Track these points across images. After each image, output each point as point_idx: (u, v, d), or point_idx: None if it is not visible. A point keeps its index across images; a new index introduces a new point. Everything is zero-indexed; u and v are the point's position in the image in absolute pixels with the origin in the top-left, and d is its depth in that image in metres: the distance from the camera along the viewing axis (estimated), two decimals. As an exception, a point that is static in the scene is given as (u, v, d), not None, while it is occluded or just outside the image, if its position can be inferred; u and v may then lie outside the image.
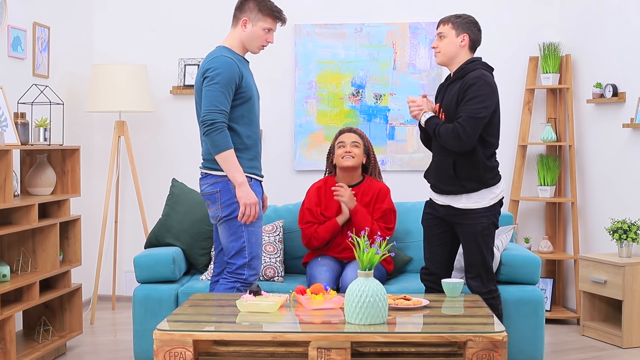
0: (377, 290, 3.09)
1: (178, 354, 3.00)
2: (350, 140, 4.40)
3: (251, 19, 3.80)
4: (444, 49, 3.86)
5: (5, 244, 4.36)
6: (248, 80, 3.80)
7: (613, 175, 5.18)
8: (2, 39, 4.61)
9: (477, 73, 3.76)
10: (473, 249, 3.81)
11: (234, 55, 3.78)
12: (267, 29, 3.82)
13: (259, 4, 3.80)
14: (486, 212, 3.80)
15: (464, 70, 3.80)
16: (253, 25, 3.80)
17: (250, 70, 3.90)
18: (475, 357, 2.95)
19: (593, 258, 4.92)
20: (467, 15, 3.89)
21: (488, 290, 3.81)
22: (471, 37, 3.84)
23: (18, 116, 4.36)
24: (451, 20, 3.87)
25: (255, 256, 3.78)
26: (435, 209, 3.94)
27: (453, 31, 3.84)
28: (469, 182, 3.78)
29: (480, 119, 3.69)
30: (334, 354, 2.96)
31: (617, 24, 5.12)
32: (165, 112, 5.91)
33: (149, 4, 5.93)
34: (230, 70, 3.69)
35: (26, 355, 4.11)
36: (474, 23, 3.88)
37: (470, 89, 3.71)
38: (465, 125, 3.67)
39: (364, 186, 4.44)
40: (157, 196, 5.74)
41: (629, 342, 4.70)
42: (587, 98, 5.37)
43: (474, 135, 3.69)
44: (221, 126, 3.64)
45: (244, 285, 3.76)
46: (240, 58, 3.83)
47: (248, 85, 3.78)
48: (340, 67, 5.77)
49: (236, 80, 3.70)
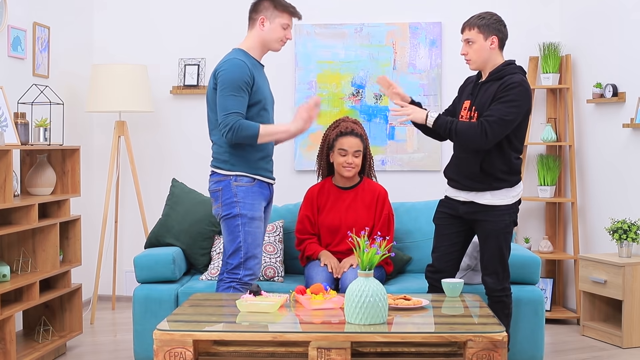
0: (377, 290, 3.09)
1: (178, 354, 3.00)
2: (353, 150, 4.33)
3: (268, 17, 3.84)
4: (474, 55, 3.78)
5: (5, 244, 4.36)
6: (260, 84, 3.81)
7: (613, 175, 5.18)
8: (2, 39, 4.61)
9: (518, 78, 3.70)
10: (493, 246, 3.79)
11: (247, 58, 3.80)
12: (285, 24, 3.86)
13: (274, 2, 3.85)
14: (509, 210, 3.80)
15: (502, 72, 3.74)
16: (271, 22, 3.84)
17: (265, 75, 3.92)
18: (475, 357, 2.95)
19: (593, 258, 4.92)
20: (490, 14, 3.80)
21: (502, 287, 3.81)
22: (499, 37, 3.78)
23: (18, 116, 4.36)
24: (476, 24, 3.76)
25: (251, 256, 3.78)
26: (454, 207, 3.90)
27: (481, 35, 3.76)
28: (496, 180, 3.76)
29: (510, 122, 3.65)
30: (334, 354, 2.96)
31: (617, 24, 5.12)
32: (165, 112, 5.91)
33: (149, 4, 5.93)
34: (239, 71, 3.71)
35: (26, 355, 4.11)
36: (499, 21, 3.80)
37: (510, 91, 3.66)
38: (495, 125, 3.63)
39: (362, 187, 4.43)
40: (157, 196, 5.74)
41: (629, 342, 4.70)
42: (587, 98, 5.38)
43: (499, 136, 3.67)
44: (237, 125, 3.66)
45: (240, 285, 3.77)
46: (254, 62, 3.84)
47: (260, 89, 3.80)
48: (340, 67, 5.77)
49: (247, 80, 3.71)
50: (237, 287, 3.77)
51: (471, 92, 3.86)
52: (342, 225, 4.34)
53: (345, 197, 4.41)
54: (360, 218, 4.34)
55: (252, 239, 3.78)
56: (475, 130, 3.66)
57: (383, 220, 4.36)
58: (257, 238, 3.80)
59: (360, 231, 3.61)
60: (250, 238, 3.77)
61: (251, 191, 3.78)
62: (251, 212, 3.77)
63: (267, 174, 3.88)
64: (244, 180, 3.78)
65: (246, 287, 3.76)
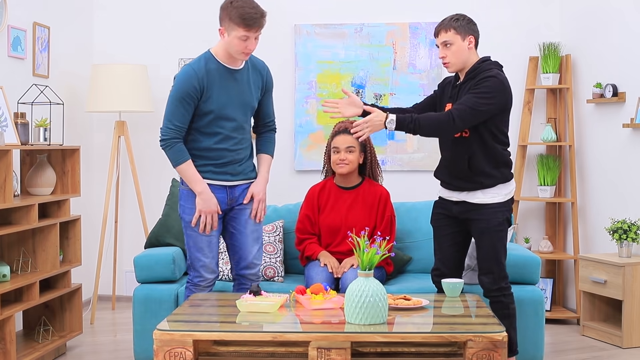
0: (377, 290, 3.09)
1: (178, 354, 3.00)
2: (345, 146, 4.31)
3: (225, 28, 3.65)
4: (453, 57, 3.74)
5: (5, 244, 4.36)
6: (215, 94, 3.70)
7: (613, 175, 5.18)
8: (2, 39, 4.61)
9: (493, 72, 3.69)
10: (486, 244, 3.76)
11: (206, 64, 3.70)
12: (242, 37, 3.61)
13: (229, 13, 3.61)
14: (501, 208, 3.77)
15: (477, 69, 3.73)
16: (228, 34, 3.64)
17: (234, 79, 3.75)
18: (475, 357, 2.95)
19: (593, 258, 4.92)
20: (461, 15, 3.80)
21: (499, 287, 3.77)
22: (475, 36, 3.78)
23: (18, 116, 4.36)
24: (452, 25, 3.74)
25: (194, 259, 3.83)
26: (448, 207, 3.89)
27: (458, 36, 3.73)
28: (485, 178, 3.74)
29: (480, 113, 3.61)
30: (334, 354, 2.96)
31: (617, 24, 5.12)
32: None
33: (149, 4, 5.93)
34: (183, 82, 3.66)
35: (26, 355, 4.11)
36: (472, 21, 3.80)
37: (483, 83, 3.64)
38: (463, 112, 3.59)
39: (363, 188, 4.42)
40: (157, 196, 5.74)
41: (629, 342, 4.70)
42: (587, 98, 5.37)
43: (468, 124, 3.62)
44: (171, 143, 3.70)
45: (192, 286, 3.86)
46: (219, 67, 3.72)
47: (214, 99, 3.70)
48: (340, 67, 5.77)
49: (189, 93, 3.65)
50: (190, 287, 3.86)
51: (450, 94, 3.85)
52: (343, 226, 4.34)
53: (347, 197, 4.40)
54: (361, 219, 4.33)
55: (193, 242, 3.81)
56: (440, 117, 3.63)
57: (385, 222, 4.35)
58: (199, 241, 3.81)
59: (361, 231, 3.60)
60: (191, 241, 3.82)
61: (192, 195, 3.79)
62: (189, 216, 3.80)
63: (216, 177, 3.81)
64: (186, 184, 3.82)
65: (198, 288, 3.83)
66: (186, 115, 3.69)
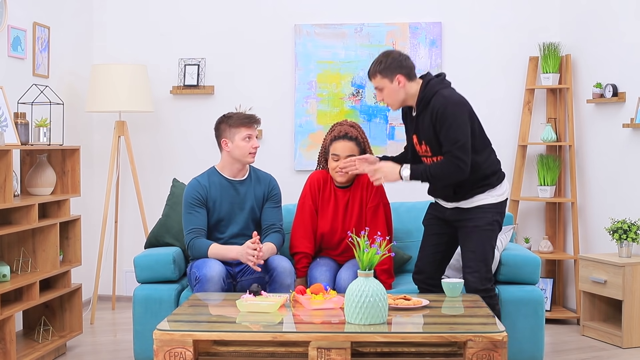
0: (377, 290, 3.09)
1: (178, 354, 3.00)
2: (345, 154, 4.21)
3: (228, 137, 4.09)
4: (389, 99, 3.76)
5: (5, 244, 4.36)
6: (217, 204, 4.10)
7: (613, 175, 5.18)
8: (2, 39, 4.61)
9: (439, 98, 3.66)
10: (474, 242, 3.77)
11: (211, 178, 4.14)
12: (246, 136, 4.08)
13: (228, 122, 4.09)
14: (492, 209, 3.79)
15: (424, 98, 3.71)
16: (232, 141, 4.08)
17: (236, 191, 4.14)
18: (475, 357, 2.95)
19: (593, 258, 4.92)
20: (386, 55, 3.74)
21: (485, 288, 3.75)
22: (404, 72, 3.72)
23: (18, 116, 4.36)
24: (376, 70, 3.71)
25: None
26: (441, 210, 3.93)
27: (385, 79, 3.71)
28: (475, 191, 3.78)
29: (467, 140, 3.64)
30: (334, 354, 2.96)
31: (617, 24, 5.12)
32: (165, 112, 5.91)
33: (149, 4, 5.92)
34: (188, 191, 4.11)
35: (26, 355, 4.11)
36: (397, 58, 3.72)
37: (440, 118, 3.63)
38: (458, 152, 3.62)
39: (356, 184, 4.38)
40: (157, 196, 5.74)
41: (629, 342, 4.70)
42: (587, 98, 5.38)
43: (468, 156, 3.65)
44: (191, 243, 4.06)
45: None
46: (222, 181, 4.14)
47: (215, 208, 4.11)
48: (340, 67, 5.77)
49: (196, 197, 4.09)
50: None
51: (412, 127, 3.86)
52: (339, 230, 4.32)
53: (342, 197, 4.36)
54: (356, 221, 4.30)
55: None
56: (448, 167, 3.66)
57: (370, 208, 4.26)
58: None
59: (361, 232, 3.60)
60: None
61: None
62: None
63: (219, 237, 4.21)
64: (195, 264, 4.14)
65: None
66: (199, 217, 4.08)
